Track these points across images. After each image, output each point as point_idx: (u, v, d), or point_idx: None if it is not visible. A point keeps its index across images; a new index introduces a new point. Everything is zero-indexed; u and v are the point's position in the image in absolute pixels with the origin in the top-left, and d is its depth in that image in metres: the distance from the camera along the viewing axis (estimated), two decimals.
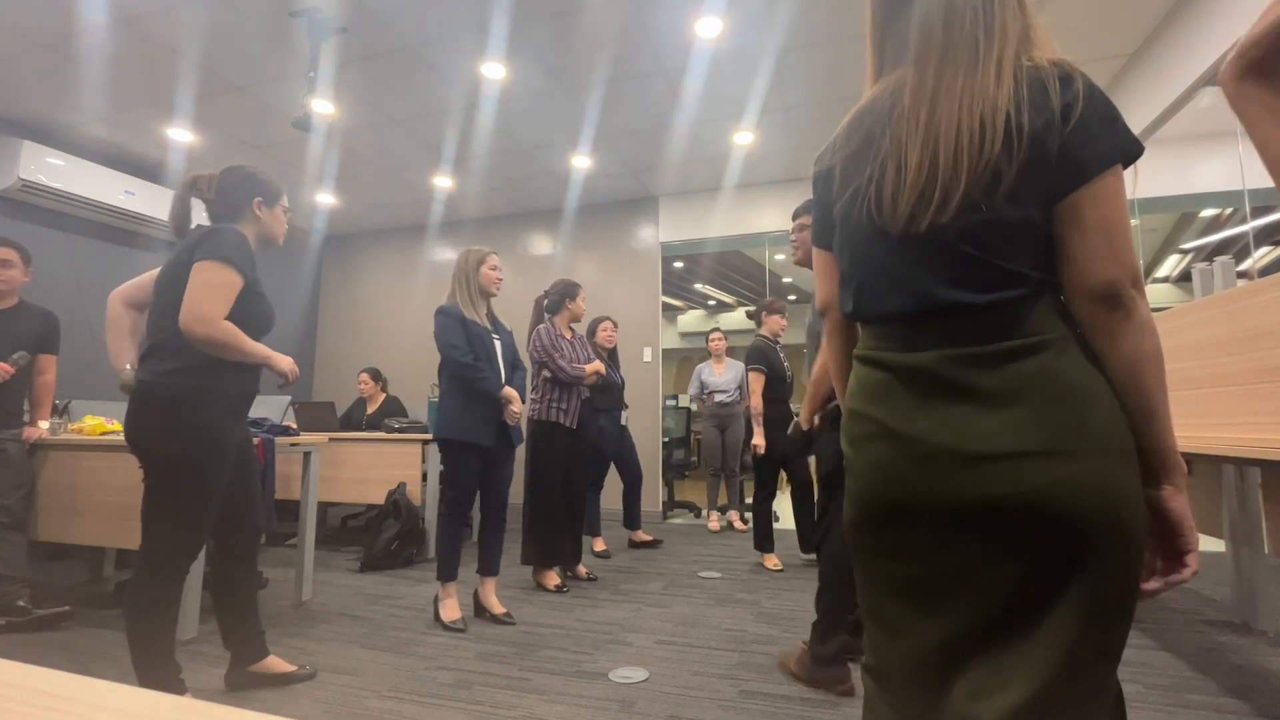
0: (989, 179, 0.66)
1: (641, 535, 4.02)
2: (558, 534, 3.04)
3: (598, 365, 3.17)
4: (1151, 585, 0.72)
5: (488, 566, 2.61)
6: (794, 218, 2.16)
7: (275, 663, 1.96)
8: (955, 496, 0.68)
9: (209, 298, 1.62)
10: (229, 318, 1.66)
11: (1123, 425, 0.67)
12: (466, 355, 2.46)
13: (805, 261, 1.99)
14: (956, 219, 0.68)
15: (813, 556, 3.56)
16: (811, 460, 2.59)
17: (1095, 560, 0.64)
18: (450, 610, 2.49)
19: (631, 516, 3.99)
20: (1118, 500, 0.65)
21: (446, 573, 2.51)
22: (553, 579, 3.01)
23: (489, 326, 2.59)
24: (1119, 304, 0.66)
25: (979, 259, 0.68)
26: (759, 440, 3.40)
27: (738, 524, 4.61)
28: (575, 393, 3.09)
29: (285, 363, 1.80)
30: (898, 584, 0.75)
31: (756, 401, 3.44)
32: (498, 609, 2.56)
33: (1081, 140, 0.66)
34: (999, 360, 0.67)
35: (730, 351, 4.83)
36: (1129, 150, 0.68)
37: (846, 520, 0.80)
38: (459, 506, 2.51)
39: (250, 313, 1.73)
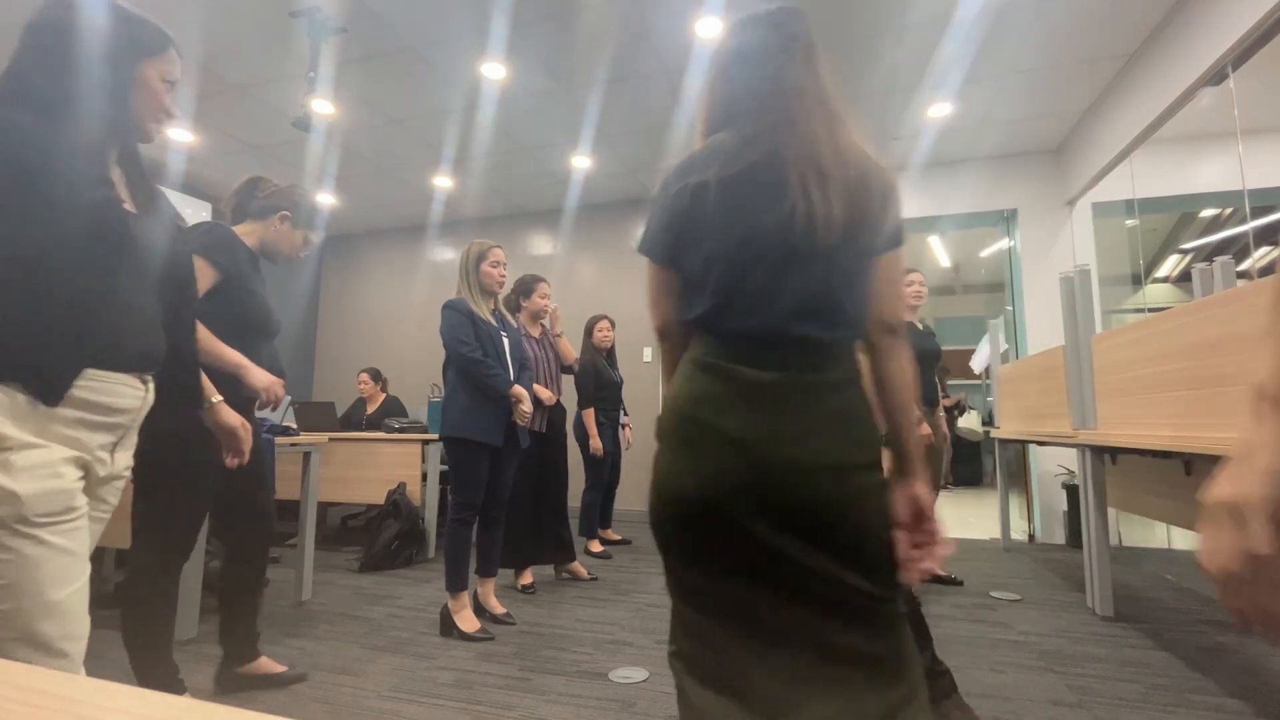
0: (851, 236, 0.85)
1: (610, 534, 4.05)
2: (524, 536, 2.97)
3: (548, 395, 2.98)
4: (925, 566, 0.85)
5: (488, 568, 2.57)
6: None
7: (266, 664, 1.94)
8: (790, 500, 0.80)
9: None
10: (214, 313, 1.62)
11: (878, 445, 0.87)
12: (475, 351, 2.37)
13: None
14: (831, 262, 0.84)
15: None
16: None
17: (863, 544, 0.82)
18: (469, 620, 2.38)
19: (605, 516, 4.03)
20: (888, 497, 0.86)
21: (459, 582, 2.39)
22: (524, 578, 2.99)
23: (496, 323, 2.50)
24: (898, 335, 0.89)
25: (834, 298, 0.85)
26: None
27: None
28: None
29: (260, 379, 1.64)
30: (716, 578, 0.84)
31: None
32: (498, 609, 2.54)
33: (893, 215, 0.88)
34: (828, 389, 0.84)
35: None
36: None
37: (669, 516, 0.86)
38: (469, 511, 2.40)
39: (239, 311, 1.72)
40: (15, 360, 0.83)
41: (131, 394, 0.97)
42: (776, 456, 0.80)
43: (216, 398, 1.38)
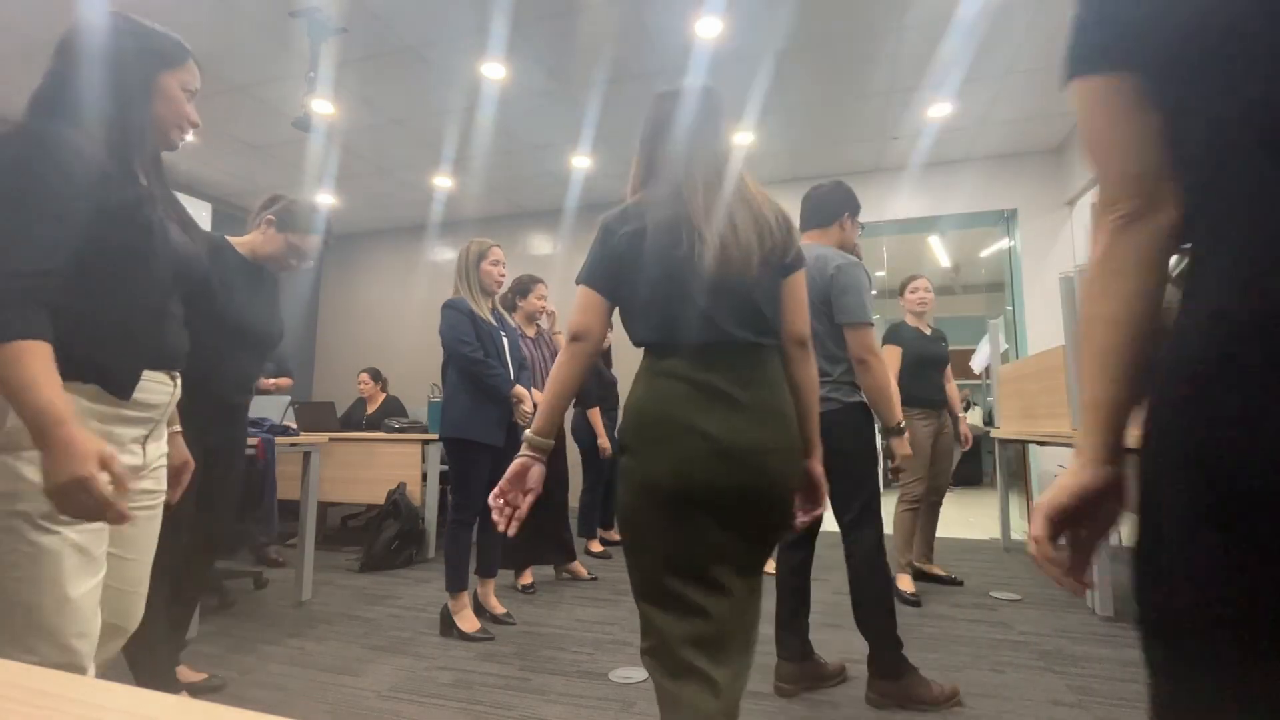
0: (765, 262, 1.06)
1: (609, 534, 3.94)
2: (524, 536, 2.95)
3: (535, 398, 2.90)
4: (801, 519, 1.13)
5: (488, 569, 2.56)
6: None
7: (184, 672, 1.89)
8: (737, 481, 0.98)
9: None
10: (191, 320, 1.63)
11: (797, 432, 1.06)
12: (477, 351, 2.36)
13: None
14: (752, 284, 1.03)
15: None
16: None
17: (785, 514, 1.06)
18: (469, 620, 2.36)
19: (605, 515, 3.91)
20: (798, 476, 1.08)
21: (459, 583, 2.38)
22: (524, 578, 2.99)
23: (495, 323, 2.49)
24: (807, 347, 1.10)
25: (759, 312, 1.04)
26: None
27: None
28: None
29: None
30: (683, 559, 1.01)
31: None
32: (498, 609, 2.54)
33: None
34: (757, 385, 1.02)
35: None
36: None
37: (642, 504, 1.01)
38: (469, 512, 2.39)
39: (213, 314, 1.67)
40: (87, 360, 0.89)
41: (162, 390, 1.03)
42: (734, 444, 0.98)
43: (175, 427, 1.28)
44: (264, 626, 2.46)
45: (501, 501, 1.04)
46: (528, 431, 1.10)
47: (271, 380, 3.67)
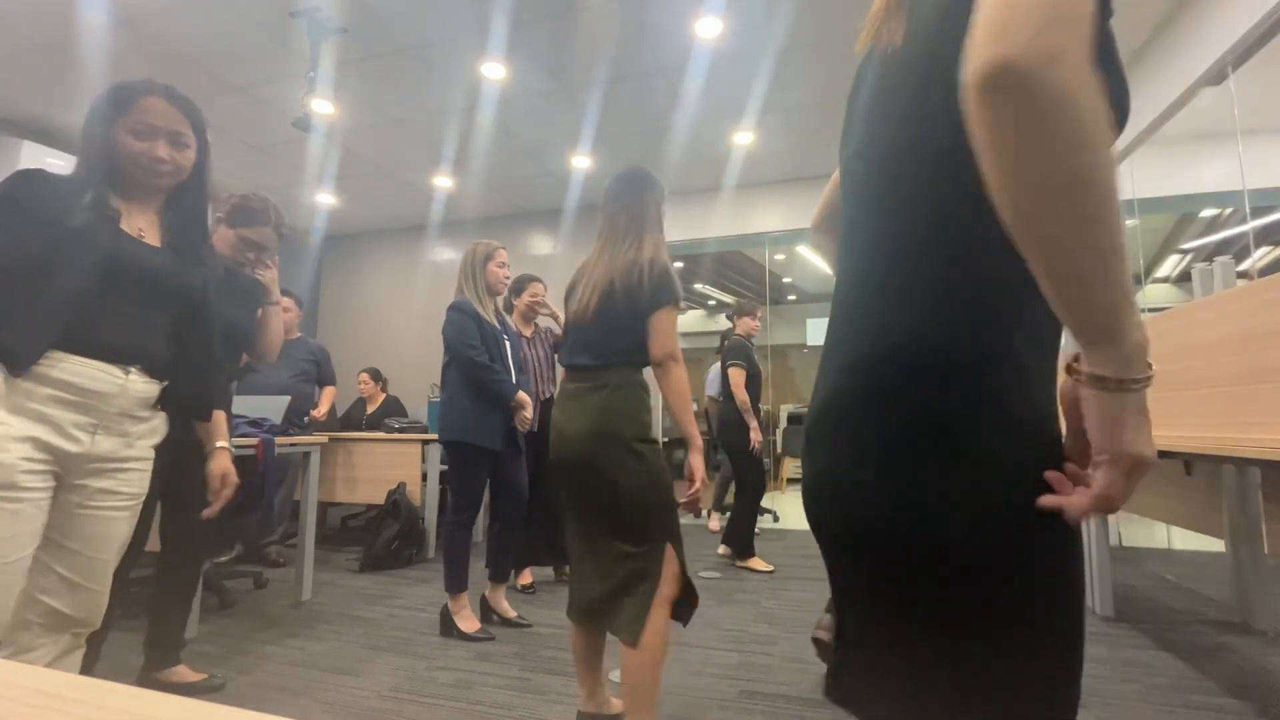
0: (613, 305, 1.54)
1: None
2: (522, 536, 2.94)
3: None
4: (690, 505, 1.53)
5: (501, 573, 2.54)
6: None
7: (183, 672, 1.91)
8: (569, 456, 1.52)
9: None
10: None
11: (640, 428, 1.51)
12: (481, 355, 2.35)
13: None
14: (597, 321, 1.56)
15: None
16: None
17: (606, 487, 1.49)
18: (469, 621, 2.36)
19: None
20: (645, 463, 1.50)
21: (459, 584, 2.37)
22: (524, 579, 3.00)
23: (499, 325, 2.48)
24: (667, 367, 1.51)
25: (603, 343, 1.55)
26: (756, 434, 3.39)
27: (715, 525, 4.59)
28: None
29: None
30: (565, 516, 1.63)
31: (743, 395, 3.40)
32: (509, 613, 2.51)
33: (650, 293, 1.51)
34: (596, 391, 1.52)
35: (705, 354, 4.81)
36: (670, 300, 1.52)
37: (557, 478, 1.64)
38: (467, 514, 2.39)
39: (199, 328, 1.74)
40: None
41: (107, 380, 1.09)
42: (564, 431, 1.54)
43: (222, 443, 1.46)
44: (264, 626, 2.46)
45: None
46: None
47: (322, 410, 3.75)
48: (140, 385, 1.14)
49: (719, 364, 4.71)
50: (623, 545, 1.47)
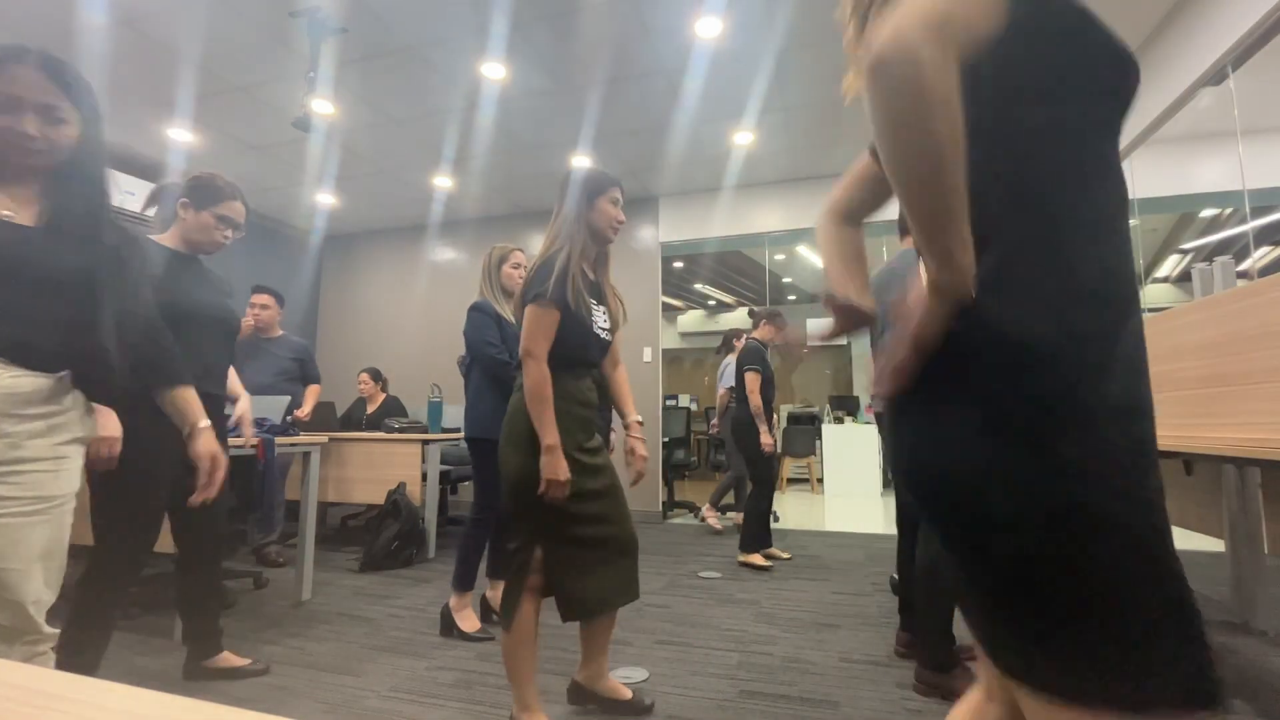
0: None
1: None
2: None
3: None
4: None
5: (500, 570, 2.54)
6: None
7: (229, 658, 2.00)
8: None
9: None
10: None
11: (525, 425, 1.57)
12: (502, 353, 2.38)
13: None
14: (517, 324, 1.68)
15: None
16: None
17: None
18: (470, 620, 2.37)
19: None
20: (524, 460, 1.57)
21: (469, 582, 2.38)
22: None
23: (517, 325, 2.53)
24: (525, 364, 1.58)
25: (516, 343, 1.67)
26: (767, 439, 3.44)
27: (716, 524, 4.60)
28: None
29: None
30: None
31: (757, 401, 3.48)
32: None
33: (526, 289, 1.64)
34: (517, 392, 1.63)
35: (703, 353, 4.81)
36: (532, 296, 1.60)
37: None
38: (491, 512, 2.41)
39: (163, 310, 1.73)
40: None
41: None
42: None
43: (204, 423, 1.40)
44: (264, 626, 2.46)
45: None
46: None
47: (306, 410, 3.63)
48: (9, 381, 1.04)
49: (733, 360, 4.72)
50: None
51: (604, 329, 1.73)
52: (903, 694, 1.89)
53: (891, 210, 0.95)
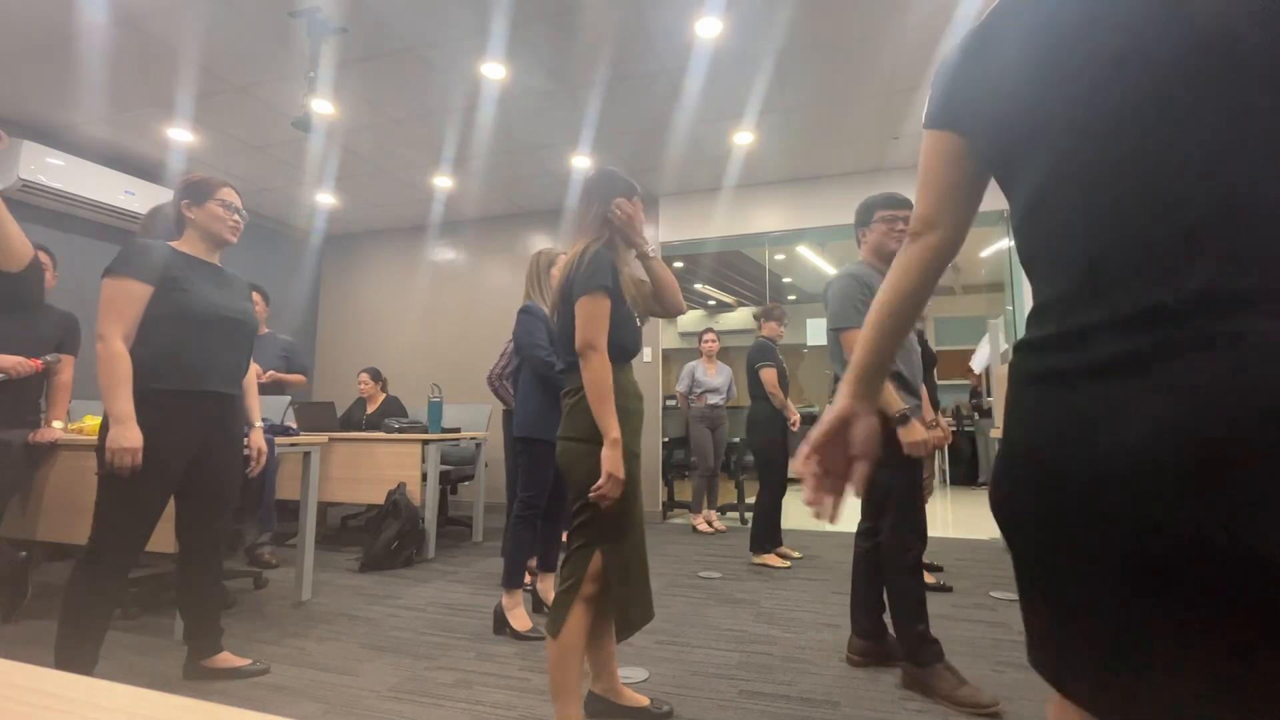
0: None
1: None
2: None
3: None
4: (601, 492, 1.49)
5: (550, 563, 2.62)
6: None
7: (227, 658, 2.00)
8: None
9: (100, 316, 1.73)
10: (162, 321, 1.77)
11: (594, 425, 1.50)
12: (550, 354, 2.41)
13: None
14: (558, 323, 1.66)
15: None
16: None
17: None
18: (523, 619, 2.37)
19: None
20: (597, 460, 1.50)
21: (518, 579, 2.39)
22: (526, 578, 2.99)
23: None
24: (586, 358, 1.51)
25: (561, 346, 1.66)
26: (796, 416, 3.66)
27: (718, 524, 4.61)
28: None
29: (118, 438, 1.66)
30: None
31: (779, 393, 3.59)
32: None
33: (575, 284, 1.56)
34: (573, 394, 1.58)
35: (722, 353, 4.83)
36: (588, 288, 1.54)
37: None
38: (534, 510, 2.43)
39: (180, 311, 1.80)
40: None
41: None
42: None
43: (258, 421, 1.85)
44: (264, 626, 2.46)
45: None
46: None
47: (291, 375, 3.81)
48: None
49: (695, 364, 4.71)
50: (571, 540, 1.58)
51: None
52: (903, 694, 1.89)
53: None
